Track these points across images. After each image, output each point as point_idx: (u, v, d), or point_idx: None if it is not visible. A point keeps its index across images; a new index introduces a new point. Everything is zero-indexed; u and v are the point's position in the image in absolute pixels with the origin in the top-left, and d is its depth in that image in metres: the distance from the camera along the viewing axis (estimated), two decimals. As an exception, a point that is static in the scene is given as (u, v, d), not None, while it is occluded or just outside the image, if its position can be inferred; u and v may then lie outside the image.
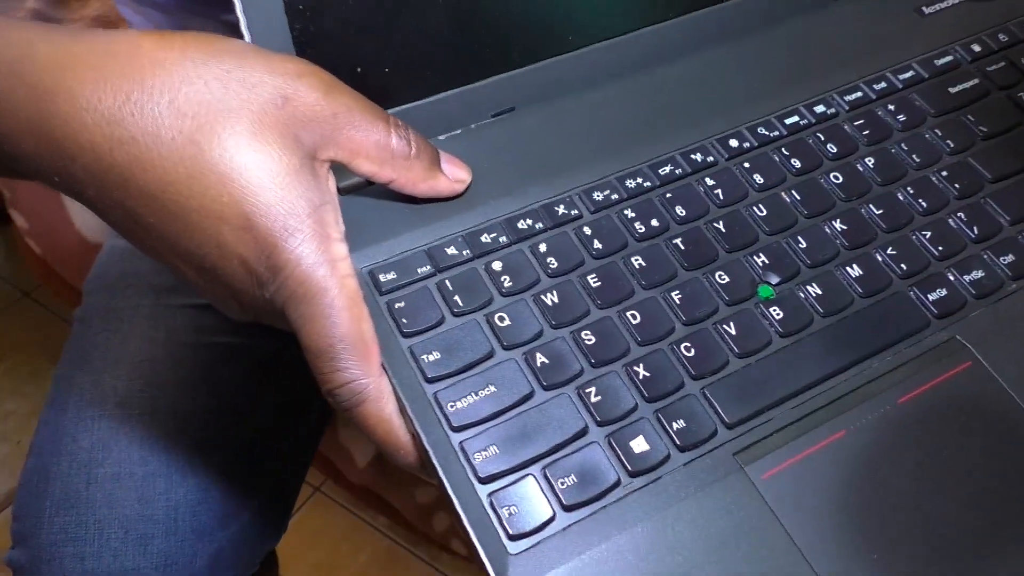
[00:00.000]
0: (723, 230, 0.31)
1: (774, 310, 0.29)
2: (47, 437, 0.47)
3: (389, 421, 0.27)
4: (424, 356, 0.27)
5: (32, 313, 1.20)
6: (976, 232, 0.32)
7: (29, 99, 0.25)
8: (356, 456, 0.91)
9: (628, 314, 0.29)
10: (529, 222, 0.31)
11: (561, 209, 0.31)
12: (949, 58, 0.37)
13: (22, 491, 0.46)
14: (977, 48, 0.37)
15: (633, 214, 0.31)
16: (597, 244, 0.30)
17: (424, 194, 0.30)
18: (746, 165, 0.33)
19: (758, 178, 0.33)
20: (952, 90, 0.36)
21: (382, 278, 0.29)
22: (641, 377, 0.28)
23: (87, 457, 0.45)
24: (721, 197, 0.32)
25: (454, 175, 0.31)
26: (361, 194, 0.31)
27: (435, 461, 0.26)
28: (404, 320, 0.28)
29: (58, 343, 0.52)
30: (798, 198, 0.32)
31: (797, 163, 0.33)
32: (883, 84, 0.36)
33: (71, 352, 0.50)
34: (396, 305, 0.28)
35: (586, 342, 0.28)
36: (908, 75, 0.36)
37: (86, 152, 0.25)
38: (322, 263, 0.26)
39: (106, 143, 0.25)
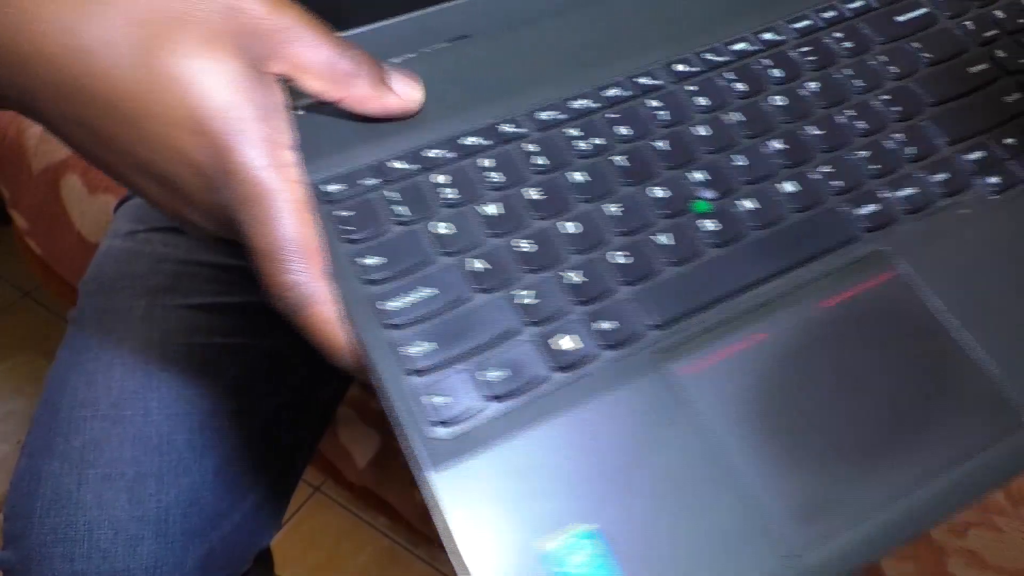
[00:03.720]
0: (664, 149, 0.32)
1: (709, 223, 0.31)
2: (39, 437, 0.47)
3: (331, 323, 0.28)
4: (365, 261, 0.29)
5: (32, 313, 1.20)
6: (912, 152, 0.33)
7: None
8: (356, 456, 0.91)
9: (567, 225, 0.30)
10: (475, 139, 0.32)
11: (507, 128, 0.32)
12: None
13: (13, 491, 0.46)
14: None
15: (577, 133, 0.33)
16: (540, 160, 0.32)
17: (376, 113, 0.31)
18: (691, 88, 0.34)
19: (702, 100, 0.34)
20: (899, 19, 0.37)
21: (327, 189, 0.30)
22: (575, 282, 0.29)
23: (79, 457, 0.45)
24: (664, 118, 0.33)
25: (406, 94, 0.31)
26: (314, 112, 0.32)
27: (370, 356, 0.27)
28: (347, 228, 0.29)
29: (58, 343, 0.52)
30: (739, 120, 0.33)
31: (741, 87, 0.34)
32: (832, 13, 0.37)
33: (65, 352, 0.50)
34: (340, 214, 0.30)
35: (524, 250, 0.30)
36: (858, 4, 0.37)
37: (45, 63, 0.27)
38: (271, 167, 0.28)
39: (64, 53, 0.27)
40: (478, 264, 0.29)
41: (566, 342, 0.28)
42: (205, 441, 0.47)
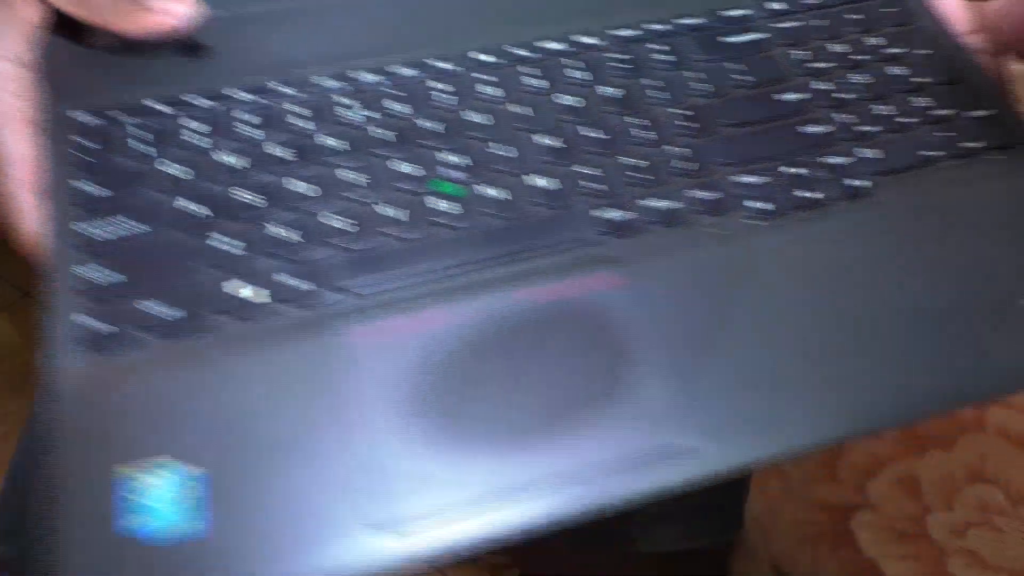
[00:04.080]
0: (430, 128, 0.32)
1: (445, 203, 0.31)
2: (36, 434, 0.47)
3: (28, 236, 0.29)
4: (77, 184, 0.29)
5: (32, 313, 1.20)
6: (687, 167, 0.32)
7: None
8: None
9: (297, 183, 0.30)
10: (241, 93, 0.32)
11: (277, 87, 0.33)
12: (742, 12, 0.37)
13: (8, 487, 0.46)
14: (776, 6, 0.38)
15: (348, 102, 0.33)
16: (299, 122, 0.32)
17: (136, 32, 0.31)
18: (481, 77, 0.34)
19: (489, 90, 0.34)
20: (727, 40, 0.36)
21: (72, 115, 0.31)
22: (279, 236, 0.29)
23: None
24: (443, 101, 0.33)
25: (168, 10, 0.31)
26: (91, 46, 0.32)
27: (51, 274, 0.28)
28: (77, 155, 0.30)
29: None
30: (521, 113, 0.33)
31: (535, 83, 0.34)
32: (661, 26, 0.36)
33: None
34: (74, 139, 0.30)
35: (244, 200, 0.30)
36: (689, 22, 0.37)
37: None
38: None
39: None
40: (192, 206, 0.29)
41: (247, 291, 0.28)
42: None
